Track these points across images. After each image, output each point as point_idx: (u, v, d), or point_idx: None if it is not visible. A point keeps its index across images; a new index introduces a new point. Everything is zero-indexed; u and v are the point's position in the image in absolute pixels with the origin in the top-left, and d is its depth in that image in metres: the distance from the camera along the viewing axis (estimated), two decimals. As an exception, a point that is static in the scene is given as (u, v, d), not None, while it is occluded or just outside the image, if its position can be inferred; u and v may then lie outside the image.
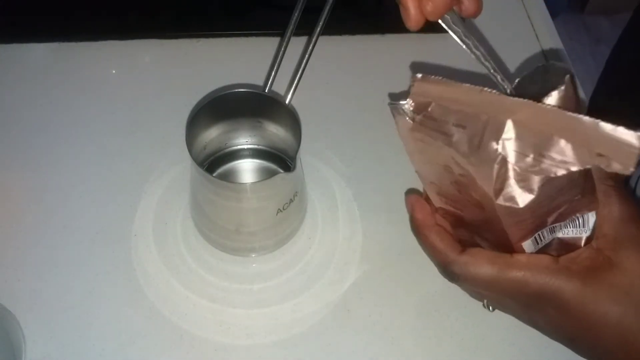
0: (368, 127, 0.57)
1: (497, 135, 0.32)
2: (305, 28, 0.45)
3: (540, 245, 0.36)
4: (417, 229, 0.39)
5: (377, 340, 0.46)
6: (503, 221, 0.33)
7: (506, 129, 0.32)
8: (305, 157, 0.53)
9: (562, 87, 0.32)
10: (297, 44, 0.47)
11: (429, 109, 0.35)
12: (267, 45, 0.59)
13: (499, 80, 0.36)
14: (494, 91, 0.32)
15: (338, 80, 0.61)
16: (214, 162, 0.52)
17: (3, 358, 0.42)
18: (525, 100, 0.31)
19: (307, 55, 0.45)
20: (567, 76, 0.33)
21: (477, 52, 0.36)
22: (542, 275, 0.33)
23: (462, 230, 0.39)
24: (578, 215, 0.35)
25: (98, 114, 0.57)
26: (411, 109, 0.36)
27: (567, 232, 0.35)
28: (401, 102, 0.36)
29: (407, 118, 0.36)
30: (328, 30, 0.45)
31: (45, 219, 0.50)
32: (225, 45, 0.63)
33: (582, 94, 0.63)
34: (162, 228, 0.50)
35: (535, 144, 0.31)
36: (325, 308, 0.47)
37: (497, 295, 0.37)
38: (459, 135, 0.33)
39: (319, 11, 0.45)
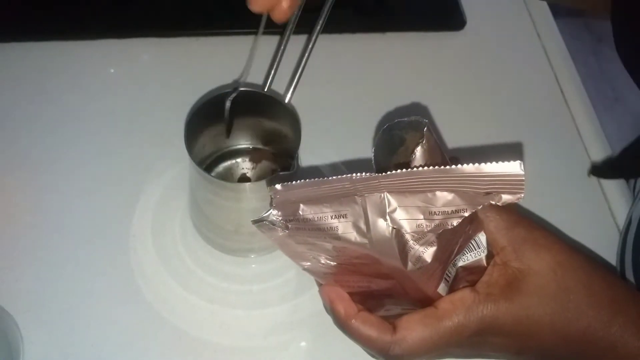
0: (368, 126, 0.57)
1: (381, 212, 0.31)
2: (305, 26, 0.45)
3: (450, 282, 0.36)
4: (343, 323, 0.36)
5: (377, 342, 0.46)
6: (417, 282, 0.33)
7: (387, 202, 0.31)
8: (305, 157, 0.52)
9: (424, 141, 0.33)
10: (296, 42, 0.47)
11: (300, 212, 0.33)
12: (266, 43, 0.58)
13: None
14: (363, 174, 0.31)
15: (338, 79, 0.60)
16: (213, 162, 0.51)
17: (1, 359, 0.42)
18: (394, 172, 0.31)
19: (307, 54, 0.45)
20: (425, 129, 0.33)
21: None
22: (473, 314, 0.34)
23: (370, 300, 0.37)
24: (471, 241, 0.36)
25: (96, 113, 0.57)
26: (279, 218, 0.34)
27: (467, 259, 0.36)
28: (264, 215, 0.34)
29: (279, 229, 0.34)
30: (328, 29, 0.45)
31: (43, 219, 0.50)
32: (224, 43, 0.62)
33: (584, 95, 0.62)
34: (160, 228, 0.50)
35: (420, 205, 0.31)
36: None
37: (441, 352, 0.37)
38: (343, 225, 0.32)
39: (318, 10, 0.44)
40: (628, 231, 0.51)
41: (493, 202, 0.30)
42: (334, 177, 0.31)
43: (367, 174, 0.31)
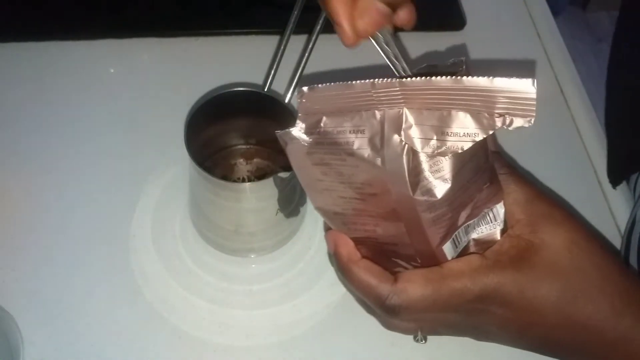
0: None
1: (397, 127, 0.31)
2: (305, 26, 0.45)
3: (459, 249, 0.35)
4: (343, 266, 0.36)
5: (377, 342, 0.46)
6: (422, 219, 0.32)
7: (404, 118, 0.31)
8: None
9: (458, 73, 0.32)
10: (296, 42, 0.47)
11: (321, 124, 0.33)
12: (266, 43, 0.59)
13: None
14: (385, 80, 0.31)
15: (338, 78, 0.60)
16: (213, 162, 0.51)
17: (1, 359, 0.42)
18: (417, 79, 0.30)
19: (306, 54, 0.45)
20: (462, 59, 0.33)
21: (403, 74, 0.35)
22: (479, 277, 0.33)
23: (377, 256, 0.37)
24: (487, 210, 0.35)
25: (96, 113, 0.57)
26: (302, 131, 0.34)
27: (481, 231, 0.35)
28: (289, 129, 0.34)
29: (301, 142, 0.34)
30: (328, 29, 0.45)
31: (43, 219, 0.50)
32: (224, 43, 0.62)
33: (585, 95, 0.62)
34: (160, 228, 0.50)
35: (435, 125, 0.31)
36: (325, 309, 0.47)
37: (438, 314, 0.35)
38: (359, 141, 0.32)
39: (318, 9, 0.44)
40: (632, 231, 0.50)
41: (505, 126, 0.29)
42: (357, 82, 0.32)
43: (389, 80, 0.31)
